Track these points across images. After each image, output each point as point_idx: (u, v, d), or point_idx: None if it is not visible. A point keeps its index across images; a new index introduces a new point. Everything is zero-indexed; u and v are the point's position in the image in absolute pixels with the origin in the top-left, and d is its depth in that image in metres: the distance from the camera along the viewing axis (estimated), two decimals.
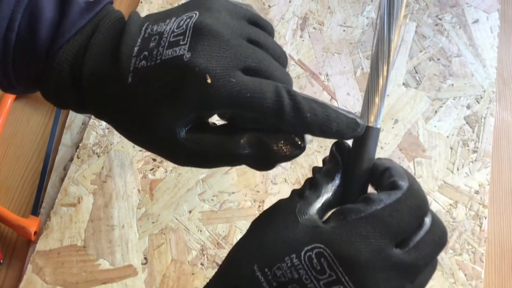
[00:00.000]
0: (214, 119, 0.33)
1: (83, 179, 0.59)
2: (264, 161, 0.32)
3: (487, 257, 0.58)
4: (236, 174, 0.60)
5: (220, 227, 0.57)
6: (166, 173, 0.60)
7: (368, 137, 0.32)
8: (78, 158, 0.60)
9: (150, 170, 0.60)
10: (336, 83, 0.67)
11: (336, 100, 0.66)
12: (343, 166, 0.32)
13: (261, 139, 0.31)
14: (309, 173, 0.60)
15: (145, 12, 0.70)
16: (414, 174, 0.61)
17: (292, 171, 0.61)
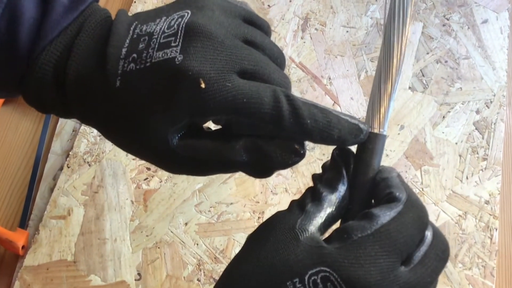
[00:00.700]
0: (210, 123, 0.31)
1: (73, 189, 0.56)
2: (262, 168, 0.31)
3: (498, 271, 0.55)
4: (234, 184, 0.57)
5: (217, 240, 0.54)
6: (161, 183, 0.57)
7: (373, 144, 0.30)
8: (68, 167, 0.57)
9: (144, 179, 0.57)
10: (339, 87, 0.64)
11: (339, 104, 0.63)
12: (347, 175, 0.31)
13: (259, 145, 0.30)
14: (311, 182, 0.57)
15: None
16: (421, 183, 0.58)
17: (293, 180, 0.58)
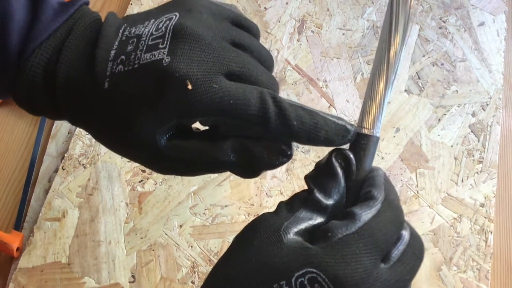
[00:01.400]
0: (198, 124, 0.31)
1: (68, 192, 0.56)
2: (249, 169, 0.31)
3: (493, 274, 0.55)
4: (229, 186, 0.57)
5: (212, 242, 0.54)
6: (155, 185, 0.57)
7: (364, 145, 0.30)
8: (63, 169, 0.57)
9: (139, 182, 0.57)
10: (335, 89, 0.64)
11: (334, 107, 0.63)
12: (344, 182, 0.30)
13: (246, 146, 0.30)
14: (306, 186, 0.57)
15: None
16: (417, 186, 0.58)
17: (288, 182, 0.58)
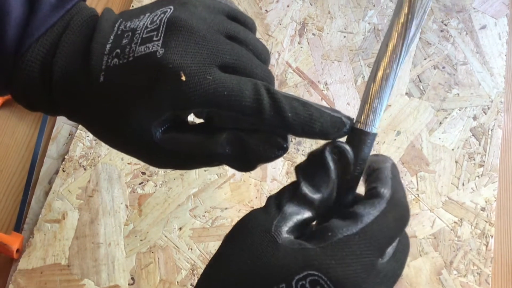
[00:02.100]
0: (193, 117, 0.32)
1: (68, 193, 0.56)
2: (245, 161, 0.31)
3: (493, 278, 0.55)
4: (229, 189, 0.57)
5: (212, 245, 0.54)
6: (155, 188, 0.57)
7: (360, 141, 0.29)
8: (64, 171, 0.57)
9: (139, 184, 0.57)
10: (335, 92, 0.64)
11: None
12: (336, 177, 0.29)
13: (241, 138, 0.30)
14: None
15: None
16: (417, 189, 0.58)
17: None
